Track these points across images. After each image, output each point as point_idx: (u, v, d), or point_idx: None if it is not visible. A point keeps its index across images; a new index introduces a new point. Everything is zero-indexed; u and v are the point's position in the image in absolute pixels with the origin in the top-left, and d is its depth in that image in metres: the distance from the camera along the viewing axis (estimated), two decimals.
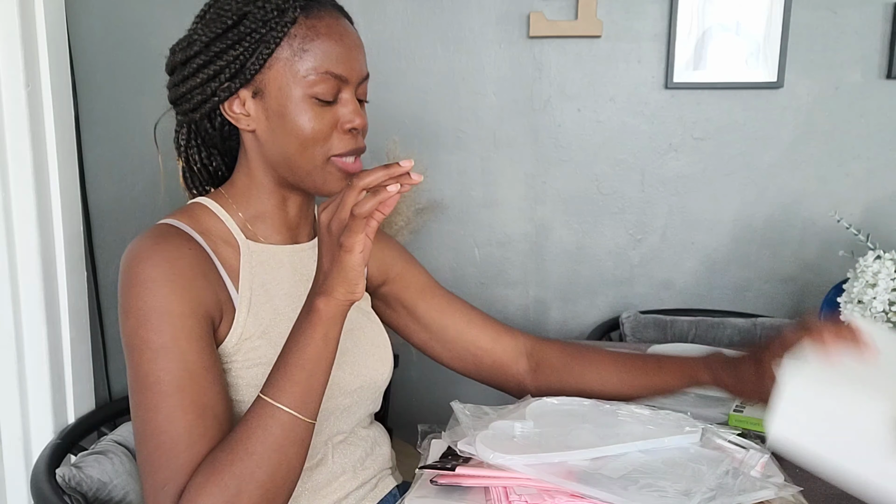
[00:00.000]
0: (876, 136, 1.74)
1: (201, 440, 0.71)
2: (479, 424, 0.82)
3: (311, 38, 0.80)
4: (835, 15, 1.70)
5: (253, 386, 0.81)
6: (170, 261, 0.76)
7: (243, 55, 0.80)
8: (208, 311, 0.78)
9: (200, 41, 0.82)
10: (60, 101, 1.05)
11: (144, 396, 0.72)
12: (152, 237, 0.79)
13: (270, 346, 0.83)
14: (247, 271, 0.85)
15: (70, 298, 1.07)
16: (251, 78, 0.81)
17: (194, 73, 0.82)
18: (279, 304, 0.86)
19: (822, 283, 1.78)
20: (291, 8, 0.80)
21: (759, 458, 0.78)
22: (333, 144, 0.83)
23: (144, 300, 0.74)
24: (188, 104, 0.84)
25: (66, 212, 1.06)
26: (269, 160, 0.85)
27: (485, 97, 1.84)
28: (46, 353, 1.04)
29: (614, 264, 1.90)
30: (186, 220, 0.84)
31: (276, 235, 0.90)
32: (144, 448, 0.72)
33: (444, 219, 1.92)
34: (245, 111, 0.83)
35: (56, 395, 1.07)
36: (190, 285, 0.76)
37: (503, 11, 1.78)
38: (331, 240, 0.72)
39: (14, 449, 1.06)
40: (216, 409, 0.73)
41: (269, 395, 0.72)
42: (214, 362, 0.76)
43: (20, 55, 0.97)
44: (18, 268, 1.02)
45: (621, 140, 1.83)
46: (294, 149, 0.82)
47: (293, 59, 0.80)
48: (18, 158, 0.99)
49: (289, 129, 0.81)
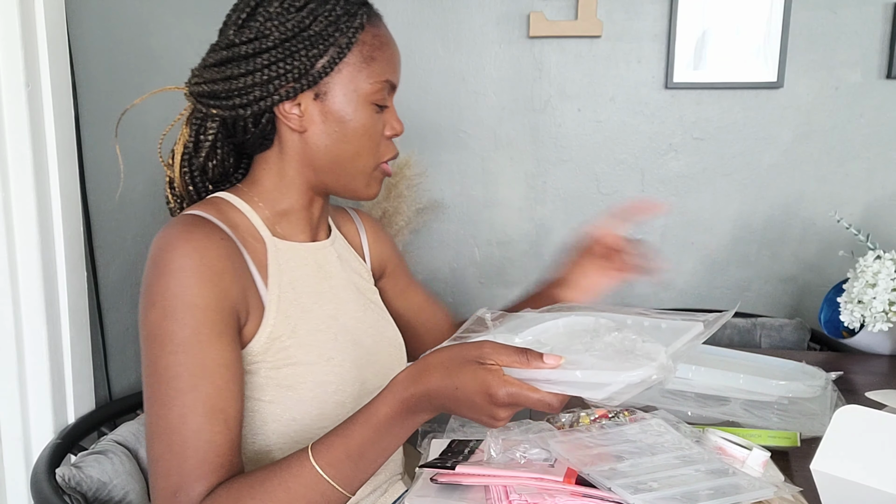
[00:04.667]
0: (875, 136, 1.74)
1: (208, 446, 0.70)
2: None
3: (377, 46, 0.82)
4: (835, 15, 1.70)
5: (283, 386, 0.80)
6: (200, 251, 0.74)
7: (315, 57, 0.79)
8: (235, 306, 0.76)
9: (273, 37, 0.79)
10: (60, 101, 1.05)
11: (159, 390, 0.71)
12: (183, 226, 0.76)
13: (300, 345, 0.82)
14: (275, 268, 0.83)
15: (70, 298, 1.07)
16: (318, 81, 0.80)
17: (261, 68, 0.79)
18: (306, 302, 0.85)
19: (822, 283, 1.78)
20: (359, 14, 0.81)
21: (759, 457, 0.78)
22: (381, 151, 0.86)
23: (172, 291, 0.72)
24: (241, 99, 0.81)
25: (66, 212, 1.06)
26: (311, 161, 0.84)
27: (485, 97, 1.84)
28: (46, 353, 1.04)
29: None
30: (214, 212, 0.81)
31: (300, 234, 0.89)
32: (155, 446, 0.71)
33: (444, 218, 1.92)
34: (299, 112, 0.82)
35: (56, 395, 1.06)
36: (219, 278, 0.74)
37: (503, 11, 1.78)
38: (488, 403, 0.64)
39: (14, 449, 1.05)
40: (227, 411, 0.72)
41: (323, 468, 0.68)
42: (234, 360, 0.74)
43: (20, 55, 0.97)
44: (18, 268, 1.02)
45: (621, 140, 1.83)
46: (349, 153, 0.83)
47: (360, 66, 0.81)
48: (18, 158, 0.99)
49: (347, 134, 0.82)
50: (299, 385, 0.81)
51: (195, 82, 0.84)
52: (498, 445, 0.80)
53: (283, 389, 0.81)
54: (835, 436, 0.70)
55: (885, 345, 1.34)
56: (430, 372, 0.67)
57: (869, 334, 1.32)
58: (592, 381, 0.63)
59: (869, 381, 1.19)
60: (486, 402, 0.64)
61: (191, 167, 0.88)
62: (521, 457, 0.79)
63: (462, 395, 0.65)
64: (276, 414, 0.82)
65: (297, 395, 0.81)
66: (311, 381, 0.82)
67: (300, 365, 0.82)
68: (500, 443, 0.80)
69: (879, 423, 0.69)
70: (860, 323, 1.32)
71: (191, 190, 0.90)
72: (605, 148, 1.84)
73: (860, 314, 1.30)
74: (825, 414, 1.01)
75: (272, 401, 0.81)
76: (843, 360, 1.33)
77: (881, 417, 0.69)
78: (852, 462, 0.68)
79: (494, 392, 0.63)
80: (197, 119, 0.86)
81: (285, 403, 0.81)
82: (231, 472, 0.72)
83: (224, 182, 0.93)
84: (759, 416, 0.99)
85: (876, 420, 0.69)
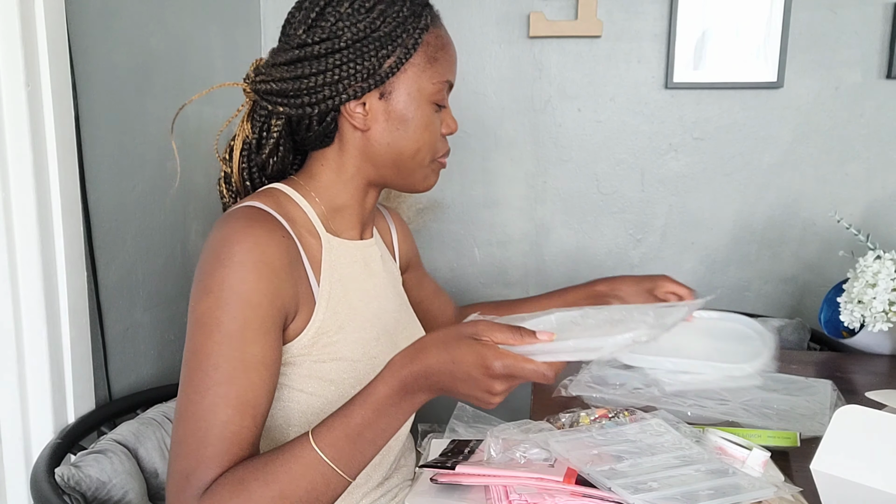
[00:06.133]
0: (875, 136, 1.74)
1: (232, 437, 0.70)
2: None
3: (440, 47, 0.85)
4: (835, 15, 1.70)
5: (326, 380, 0.81)
6: (261, 246, 0.75)
7: (384, 57, 0.81)
8: (285, 304, 0.77)
9: (346, 38, 0.80)
10: (60, 101, 1.05)
11: (197, 376, 0.71)
12: (247, 219, 0.77)
13: (346, 342, 0.83)
14: (328, 265, 0.85)
15: (70, 298, 1.07)
16: (385, 81, 0.82)
17: (332, 68, 0.80)
18: (353, 300, 0.87)
19: (822, 283, 1.78)
20: (424, 15, 0.83)
21: (759, 457, 0.78)
22: (439, 147, 0.89)
23: (229, 283, 0.72)
24: (310, 97, 0.82)
25: (66, 212, 1.06)
26: (372, 158, 0.86)
27: (485, 97, 1.84)
28: (46, 353, 1.04)
29: (614, 264, 1.90)
30: (273, 205, 0.82)
31: (351, 231, 0.91)
32: (181, 428, 0.71)
33: (444, 218, 1.92)
34: (364, 111, 0.83)
35: (56, 395, 1.06)
36: (275, 276, 0.75)
37: (503, 11, 1.78)
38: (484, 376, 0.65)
39: (14, 449, 1.05)
40: (258, 408, 0.72)
41: (322, 449, 0.68)
42: (274, 360, 0.75)
43: (20, 55, 0.97)
44: (18, 268, 1.02)
45: (621, 140, 1.83)
46: (410, 150, 0.86)
47: (425, 67, 0.83)
48: (18, 158, 0.99)
49: (410, 132, 0.84)
50: (343, 380, 0.83)
51: (262, 80, 0.85)
52: (498, 445, 0.80)
53: (326, 383, 0.81)
54: (835, 436, 0.70)
55: (885, 345, 1.34)
56: (427, 349, 0.68)
57: (869, 334, 1.32)
58: (585, 346, 0.65)
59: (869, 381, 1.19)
60: (482, 375, 0.65)
61: (250, 163, 0.90)
62: (521, 456, 0.79)
63: (459, 370, 0.66)
64: (316, 407, 0.82)
65: (339, 391, 0.82)
66: (354, 378, 0.83)
67: (345, 361, 0.83)
68: (500, 443, 0.80)
69: (879, 423, 0.69)
70: (860, 323, 1.32)
71: (248, 185, 0.91)
72: (605, 148, 1.84)
73: (860, 314, 1.30)
74: (825, 414, 1.01)
75: (314, 393, 0.81)
76: (843, 360, 1.33)
77: (881, 417, 0.69)
78: (852, 462, 0.68)
79: (490, 364, 0.64)
80: (261, 116, 0.87)
81: (327, 397, 0.82)
82: None
83: (281, 177, 0.93)
84: (760, 416, 0.99)
85: (876, 420, 0.70)
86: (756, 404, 1.03)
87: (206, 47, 1.53)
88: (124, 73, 1.27)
